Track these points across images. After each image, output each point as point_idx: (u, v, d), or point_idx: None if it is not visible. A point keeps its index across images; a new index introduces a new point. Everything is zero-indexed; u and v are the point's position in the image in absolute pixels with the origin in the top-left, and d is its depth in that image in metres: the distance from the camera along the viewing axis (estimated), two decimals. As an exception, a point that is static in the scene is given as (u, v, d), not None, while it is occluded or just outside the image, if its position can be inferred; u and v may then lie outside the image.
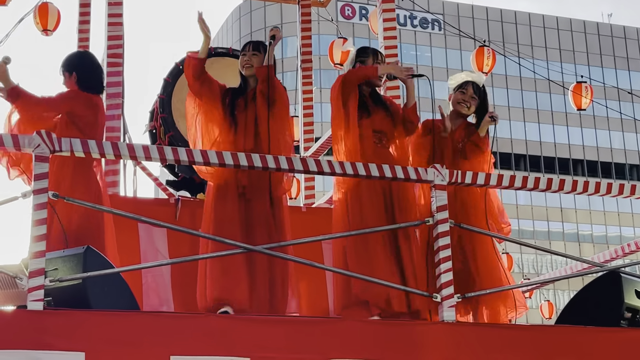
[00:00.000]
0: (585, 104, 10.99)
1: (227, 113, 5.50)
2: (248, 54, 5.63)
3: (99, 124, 5.70)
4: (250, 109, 5.51)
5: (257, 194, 5.34)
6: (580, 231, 57.81)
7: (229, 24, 59.05)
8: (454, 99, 6.00)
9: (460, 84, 6.01)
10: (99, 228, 5.43)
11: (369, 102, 5.70)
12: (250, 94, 5.57)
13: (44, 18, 9.16)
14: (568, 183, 5.14)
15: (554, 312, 18.43)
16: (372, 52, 5.82)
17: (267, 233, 5.30)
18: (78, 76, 5.63)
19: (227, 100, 5.55)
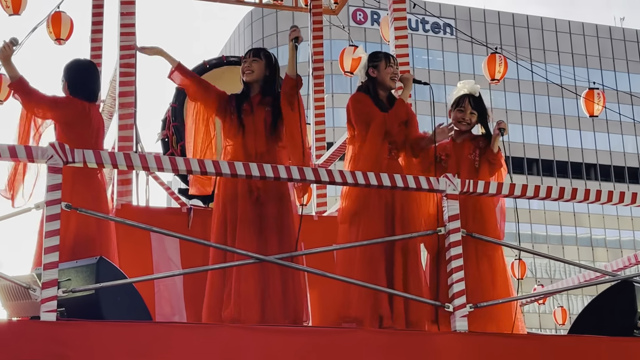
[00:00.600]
0: (597, 110, 10.95)
1: (235, 118, 5.58)
2: (248, 61, 5.75)
3: (93, 129, 5.70)
4: (257, 114, 5.59)
5: (269, 197, 5.40)
6: (594, 236, 57.57)
7: (241, 29, 59.16)
8: (453, 118, 5.99)
9: (456, 100, 6.00)
10: (101, 237, 5.46)
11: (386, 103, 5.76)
12: (255, 99, 5.66)
13: (57, 27, 9.19)
14: (580, 192, 5.11)
15: (568, 318, 18.32)
16: (384, 56, 5.84)
17: (278, 239, 5.33)
18: (68, 83, 5.72)
19: (233, 107, 5.64)
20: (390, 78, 5.78)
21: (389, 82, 5.79)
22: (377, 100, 5.73)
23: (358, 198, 5.46)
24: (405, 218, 5.47)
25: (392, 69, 5.79)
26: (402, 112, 5.69)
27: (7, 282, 4.36)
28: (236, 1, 8.83)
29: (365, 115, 5.63)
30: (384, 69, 5.77)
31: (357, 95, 5.82)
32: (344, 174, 4.77)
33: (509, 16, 59.73)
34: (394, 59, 5.89)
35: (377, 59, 5.81)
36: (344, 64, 10.07)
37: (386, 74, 5.78)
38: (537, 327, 47.11)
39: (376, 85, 5.79)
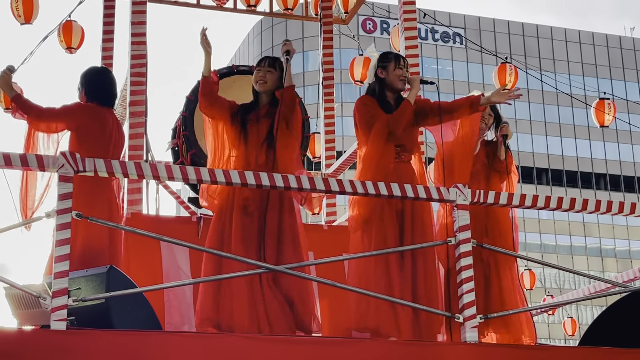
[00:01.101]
0: (607, 120, 10.94)
1: (238, 127, 5.50)
2: (263, 70, 5.63)
3: (106, 135, 5.74)
4: (263, 124, 5.50)
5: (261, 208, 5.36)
6: (603, 246, 57.40)
7: (250, 38, 59.28)
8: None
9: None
10: (111, 246, 5.48)
11: (392, 104, 5.66)
12: (263, 109, 5.57)
13: (68, 36, 9.23)
14: (591, 203, 5.10)
15: (577, 329, 18.27)
16: (394, 57, 5.75)
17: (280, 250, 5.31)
18: (85, 89, 5.74)
19: (238, 117, 5.55)
20: (399, 80, 5.68)
21: (397, 84, 5.69)
22: (383, 103, 5.64)
23: (368, 205, 5.41)
24: (417, 223, 5.45)
25: (401, 71, 5.69)
26: (408, 113, 5.55)
27: (17, 291, 4.36)
28: (246, 10, 8.84)
29: (368, 118, 5.55)
30: (393, 70, 5.68)
31: (362, 98, 5.74)
32: (354, 183, 4.76)
33: (519, 25, 59.70)
34: (405, 60, 5.79)
35: (386, 60, 5.72)
36: (354, 73, 10.08)
37: (395, 76, 5.68)
38: (547, 337, 46.95)
39: (384, 87, 5.70)
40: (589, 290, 6.89)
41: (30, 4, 8.84)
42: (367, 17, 53.20)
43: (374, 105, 5.62)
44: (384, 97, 5.68)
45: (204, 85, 5.49)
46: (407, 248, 5.26)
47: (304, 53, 53.92)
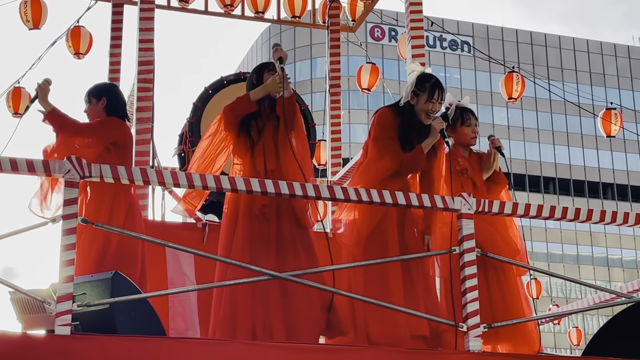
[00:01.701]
0: (614, 130, 10.92)
1: (245, 136, 5.39)
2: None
3: (131, 148, 5.83)
4: (267, 131, 5.39)
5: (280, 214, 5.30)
6: (610, 255, 57.28)
7: (258, 45, 59.41)
8: (461, 134, 5.89)
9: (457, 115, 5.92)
10: (143, 250, 5.54)
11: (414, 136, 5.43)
12: (264, 113, 5.43)
13: (76, 42, 9.27)
14: (596, 213, 5.09)
15: (583, 339, 18.23)
16: (430, 88, 5.37)
17: (294, 256, 5.27)
18: (107, 101, 5.72)
19: (244, 126, 5.43)
20: (425, 114, 5.38)
21: (422, 117, 5.39)
22: (406, 127, 5.40)
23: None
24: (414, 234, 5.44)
25: (431, 105, 5.37)
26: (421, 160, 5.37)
27: (22, 295, 4.38)
28: (254, 17, 8.87)
29: (382, 146, 5.34)
30: (424, 102, 5.38)
31: (385, 112, 5.46)
32: (359, 192, 4.76)
33: (527, 34, 59.71)
34: (441, 94, 5.41)
35: (422, 88, 5.40)
36: (361, 81, 10.11)
37: (422, 109, 5.39)
38: (552, 346, 46.83)
39: (413, 113, 5.42)
40: (595, 300, 6.89)
41: (38, 9, 8.89)
42: (375, 24, 53.27)
43: (393, 130, 5.38)
44: (412, 121, 5.41)
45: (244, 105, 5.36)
46: (411, 257, 5.26)
47: (311, 60, 54.01)
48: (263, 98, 5.43)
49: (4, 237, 4.32)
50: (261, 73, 5.53)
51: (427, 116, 5.40)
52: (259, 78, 5.50)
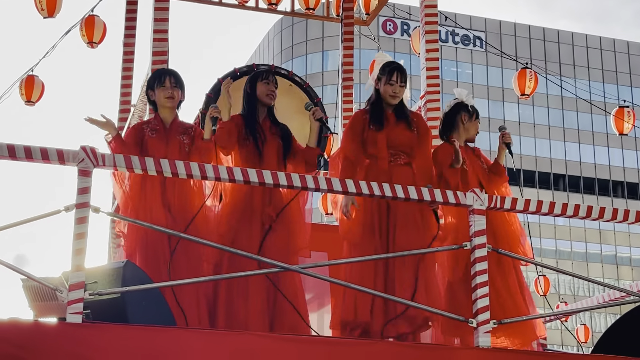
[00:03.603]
0: (627, 129, 10.90)
1: (251, 147, 5.46)
2: (272, 85, 5.64)
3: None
4: (271, 144, 5.51)
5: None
6: (619, 253, 57.13)
7: (270, 36, 59.36)
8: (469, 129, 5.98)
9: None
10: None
11: (391, 117, 5.63)
12: (265, 125, 5.57)
13: (90, 30, 9.29)
14: (608, 211, 5.08)
15: (590, 336, 18.20)
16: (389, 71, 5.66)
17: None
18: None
19: (246, 132, 5.50)
20: (388, 95, 5.63)
21: (387, 99, 5.64)
22: (377, 114, 5.62)
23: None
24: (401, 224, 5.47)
25: (391, 88, 5.62)
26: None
27: (34, 283, 4.40)
28: (268, 9, 8.87)
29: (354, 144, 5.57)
30: (384, 84, 5.66)
31: (356, 114, 5.79)
32: (360, 184, 4.74)
33: (540, 30, 59.50)
34: (400, 76, 5.67)
35: (382, 72, 5.70)
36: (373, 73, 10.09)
37: (385, 92, 5.65)
38: (559, 344, 46.77)
39: (379, 98, 5.69)
40: (603, 298, 6.88)
41: (54, -3, 8.90)
42: (388, 18, 53.16)
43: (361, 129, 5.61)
44: (381, 108, 5.65)
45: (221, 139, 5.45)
46: (424, 251, 5.26)
47: (323, 53, 53.93)
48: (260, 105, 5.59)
49: (17, 224, 4.35)
50: (254, 82, 5.65)
51: (392, 97, 5.62)
52: (252, 87, 5.64)
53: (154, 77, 5.73)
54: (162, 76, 5.65)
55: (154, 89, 5.66)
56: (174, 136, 5.59)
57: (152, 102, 5.72)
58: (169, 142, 5.56)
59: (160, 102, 5.63)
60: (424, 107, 7.29)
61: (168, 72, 5.69)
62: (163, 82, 5.61)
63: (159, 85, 5.62)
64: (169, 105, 5.61)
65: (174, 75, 5.66)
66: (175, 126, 5.63)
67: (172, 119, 5.64)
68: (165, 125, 5.62)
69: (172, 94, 5.59)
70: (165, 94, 5.59)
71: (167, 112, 5.64)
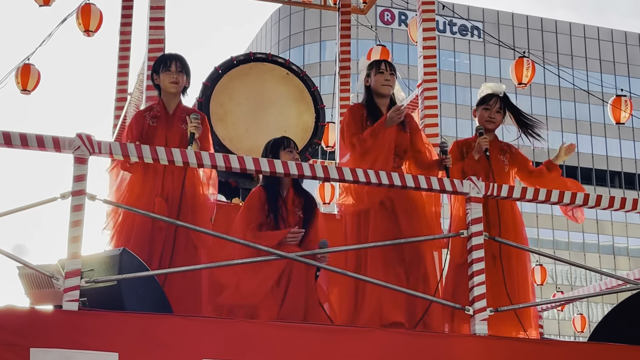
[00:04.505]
0: (624, 118, 10.89)
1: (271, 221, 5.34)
2: (294, 151, 5.52)
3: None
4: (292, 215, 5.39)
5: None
6: (616, 244, 57.20)
7: (268, 26, 59.26)
8: (479, 116, 6.00)
9: (482, 98, 6.01)
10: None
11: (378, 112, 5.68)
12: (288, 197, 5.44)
13: (86, 19, 9.27)
14: (605, 199, 5.09)
15: (587, 326, 18.24)
16: (375, 63, 5.78)
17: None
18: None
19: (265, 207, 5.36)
20: (381, 85, 5.71)
21: (380, 89, 5.72)
22: (372, 110, 5.69)
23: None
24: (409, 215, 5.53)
25: (382, 76, 5.70)
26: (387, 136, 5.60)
27: (31, 271, 4.39)
28: (265, -2, 8.85)
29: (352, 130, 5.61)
30: (374, 75, 5.74)
31: (351, 107, 5.83)
32: (367, 173, 4.76)
33: (538, 20, 59.43)
34: (387, 64, 5.79)
35: (369, 68, 5.80)
36: (371, 64, 10.08)
37: (377, 83, 5.73)
38: (556, 333, 46.88)
39: (371, 94, 5.77)
40: (600, 286, 6.89)
41: (49, -15, 8.88)
42: (385, 8, 53.05)
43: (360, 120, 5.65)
44: (374, 104, 5.72)
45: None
46: (419, 239, 5.27)
47: (321, 43, 53.85)
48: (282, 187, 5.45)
49: (13, 212, 4.34)
50: (277, 152, 5.49)
51: (385, 87, 5.70)
52: (275, 157, 5.42)
53: (160, 60, 5.69)
54: (168, 60, 5.62)
55: (159, 73, 5.63)
56: (176, 124, 5.56)
57: (156, 85, 5.69)
58: (170, 129, 5.54)
59: (165, 86, 5.61)
60: (420, 95, 7.29)
61: (174, 57, 5.66)
62: (169, 66, 5.58)
63: (165, 69, 5.60)
64: (173, 91, 5.59)
65: (180, 60, 5.63)
66: (179, 112, 5.61)
67: (176, 105, 5.61)
68: (167, 111, 5.60)
69: (177, 79, 5.56)
70: (170, 79, 5.57)
71: (171, 97, 5.62)
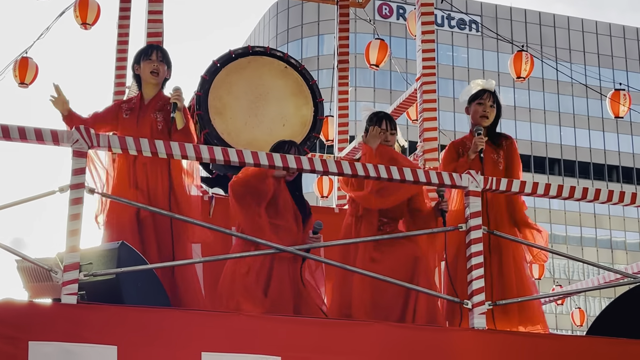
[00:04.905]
0: (622, 111, 10.90)
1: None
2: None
3: None
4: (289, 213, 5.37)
5: None
6: (614, 238, 57.27)
7: (267, 19, 59.20)
8: (473, 112, 5.92)
9: (476, 93, 5.95)
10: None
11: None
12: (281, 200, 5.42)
13: (83, 12, 9.25)
14: (604, 193, 5.09)
15: (585, 320, 18.25)
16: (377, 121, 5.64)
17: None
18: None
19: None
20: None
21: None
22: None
23: None
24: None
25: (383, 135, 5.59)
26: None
27: (29, 264, 4.39)
28: (263, -9, 8.83)
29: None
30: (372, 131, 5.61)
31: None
32: (367, 167, 4.76)
33: (536, 14, 59.40)
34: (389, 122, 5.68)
35: (370, 122, 5.67)
36: (369, 58, 10.09)
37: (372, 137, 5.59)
38: (554, 327, 46.96)
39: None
40: (598, 280, 6.90)
41: (47, -21, 8.86)
42: (384, 2, 53.05)
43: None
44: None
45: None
46: (417, 233, 5.27)
47: (319, 36, 53.80)
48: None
49: (12, 205, 4.34)
50: None
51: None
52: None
53: (141, 50, 5.72)
54: (149, 50, 5.66)
55: (139, 63, 5.65)
56: (148, 114, 5.57)
57: (136, 76, 5.71)
58: (140, 121, 5.55)
59: (145, 76, 5.63)
60: (419, 89, 7.28)
61: (155, 47, 5.69)
62: (150, 55, 5.61)
63: (145, 58, 5.62)
64: (153, 82, 5.62)
65: (162, 50, 5.65)
66: (153, 103, 5.61)
67: (154, 95, 5.62)
68: (143, 102, 5.61)
69: (157, 68, 5.58)
70: (150, 67, 5.59)
71: (150, 88, 5.64)
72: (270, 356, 4.24)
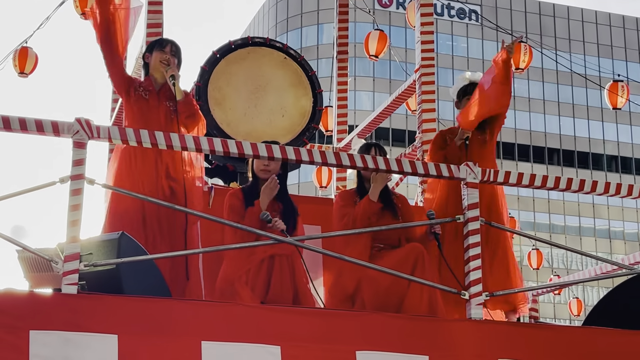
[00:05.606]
0: (621, 103, 10.90)
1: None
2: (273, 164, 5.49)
3: None
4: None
5: None
6: (612, 228, 57.33)
7: (265, 9, 59.09)
8: (464, 106, 6.02)
9: (463, 88, 6.04)
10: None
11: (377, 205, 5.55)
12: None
13: (83, 1, 9.23)
14: (600, 185, 5.10)
15: (583, 310, 18.32)
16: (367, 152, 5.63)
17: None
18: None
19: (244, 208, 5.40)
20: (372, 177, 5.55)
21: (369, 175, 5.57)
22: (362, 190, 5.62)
23: None
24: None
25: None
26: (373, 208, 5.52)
27: (30, 254, 4.42)
28: (263, -19, 8.84)
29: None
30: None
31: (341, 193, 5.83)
32: (365, 159, 4.79)
33: (536, 4, 59.31)
34: (378, 150, 5.68)
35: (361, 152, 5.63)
36: (368, 47, 10.09)
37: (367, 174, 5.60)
38: (552, 317, 47.05)
39: (362, 179, 5.68)
40: (596, 271, 6.93)
41: (47, -31, 8.84)
42: (383, -9, 52.92)
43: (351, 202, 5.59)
44: (363, 188, 5.63)
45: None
46: (416, 224, 5.29)
47: (318, 26, 53.73)
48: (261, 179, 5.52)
49: (12, 195, 4.36)
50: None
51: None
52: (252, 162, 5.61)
53: (156, 41, 5.86)
54: (164, 42, 5.79)
55: (151, 52, 5.76)
56: (163, 101, 5.67)
57: (145, 64, 5.80)
58: (159, 106, 5.65)
59: (155, 64, 5.72)
60: (418, 80, 7.30)
61: (170, 41, 5.81)
62: (164, 46, 5.73)
63: (159, 48, 5.74)
64: (161, 70, 5.67)
65: (176, 45, 5.77)
66: (164, 91, 5.70)
67: (163, 83, 5.70)
68: (155, 87, 5.70)
69: (168, 60, 5.66)
70: (161, 57, 5.69)
71: (160, 75, 5.71)
72: (270, 345, 4.26)
